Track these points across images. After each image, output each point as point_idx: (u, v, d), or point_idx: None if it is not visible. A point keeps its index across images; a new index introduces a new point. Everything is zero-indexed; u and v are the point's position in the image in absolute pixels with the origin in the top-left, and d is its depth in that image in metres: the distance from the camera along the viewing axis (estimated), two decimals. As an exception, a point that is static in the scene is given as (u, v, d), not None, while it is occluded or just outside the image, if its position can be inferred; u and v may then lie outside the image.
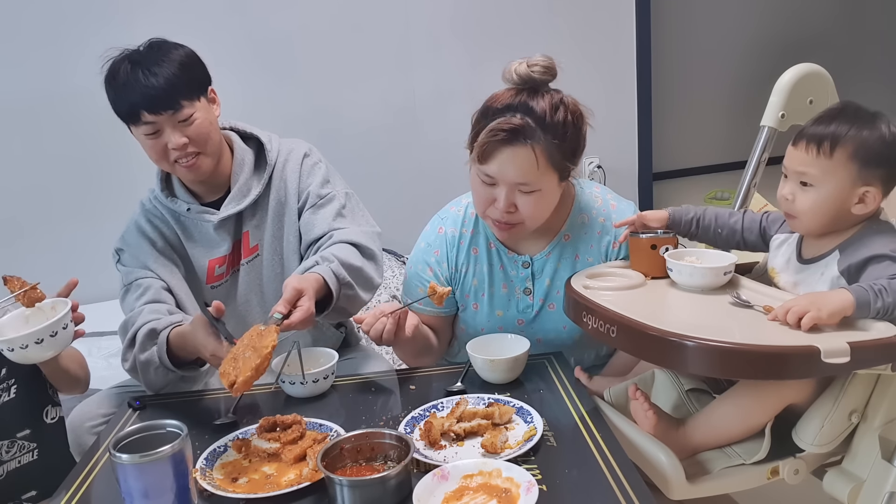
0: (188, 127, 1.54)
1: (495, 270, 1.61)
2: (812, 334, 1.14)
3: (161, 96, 1.50)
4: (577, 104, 1.48)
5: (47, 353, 1.32)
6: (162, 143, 1.55)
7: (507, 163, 1.42)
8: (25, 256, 2.96)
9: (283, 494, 1.11)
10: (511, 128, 1.40)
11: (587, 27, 3.63)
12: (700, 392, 1.46)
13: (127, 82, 1.51)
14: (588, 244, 1.59)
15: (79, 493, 1.18)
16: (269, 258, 1.69)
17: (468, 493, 1.07)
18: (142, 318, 1.53)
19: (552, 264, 1.59)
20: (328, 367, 1.44)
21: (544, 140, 1.41)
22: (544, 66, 1.44)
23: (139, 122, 1.53)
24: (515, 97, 1.44)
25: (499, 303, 1.61)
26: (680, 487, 1.26)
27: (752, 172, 1.85)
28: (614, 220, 1.58)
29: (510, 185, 1.44)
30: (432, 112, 3.44)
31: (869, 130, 1.26)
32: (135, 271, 1.64)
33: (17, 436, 1.41)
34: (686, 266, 1.38)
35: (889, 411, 1.26)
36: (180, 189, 1.67)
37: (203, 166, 1.60)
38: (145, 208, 1.70)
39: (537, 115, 1.41)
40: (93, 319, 2.64)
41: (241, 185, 1.66)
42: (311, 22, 3.24)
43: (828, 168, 1.27)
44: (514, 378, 1.43)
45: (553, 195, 1.50)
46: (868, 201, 1.27)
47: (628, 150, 3.90)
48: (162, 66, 1.51)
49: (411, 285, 1.66)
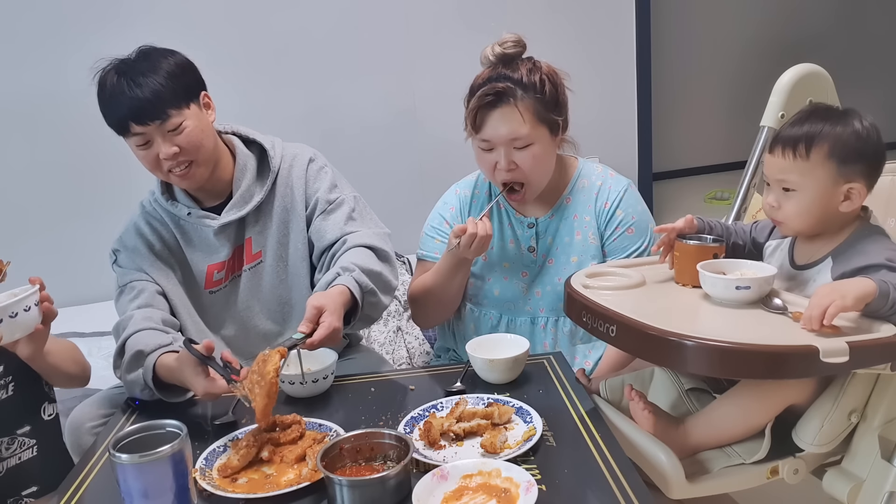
0: (178, 136, 1.53)
1: (504, 227, 1.77)
2: (812, 334, 1.14)
3: (147, 107, 1.49)
4: (551, 65, 1.65)
5: (15, 334, 1.29)
6: (153, 153, 1.54)
7: (497, 123, 1.59)
8: (25, 257, 2.95)
9: (283, 494, 1.11)
10: (495, 91, 1.58)
11: (587, 27, 3.63)
12: (700, 391, 1.46)
13: (113, 94, 1.50)
14: (586, 205, 1.73)
15: (78, 493, 1.18)
16: (273, 264, 1.69)
17: (468, 492, 1.07)
18: (132, 326, 1.52)
19: (554, 224, 1.74)
20: (328, 366, 1.44)
21: (526, 97, 1.58)
22: (514, 41, 1.63)
23: (128, 133, 1.52)
24: (494, 70, 1.62)
25: (506, 256, 1.77)
26: (679, 487, 1.26)
27: (751, 172, 1.84)
28: (610, 184, 1.74)
29: (505, 143, 1.60)
30: (432, 112, 3.44)
31: (842, 126, 1.26)
32: (130, 273, 1.63)
33: (16, 432, 1.41)
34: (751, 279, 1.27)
35: (888, 411, 1.26)
36: (181, 193, 1.66)
37: (197, 175, 1.59)
38: (145, 210, 1.69)
39: (515, 79, 1.59)
40: (93, 319, 2.67)
41: (242, 192, 1.65)
42: (312, 22, 3.24)
43: (806, 170, 1.26)
44: (514, 378, 1.43)
45: (548, 150, 1.64)
46: (854, 198, 1.26)
47: (628, 150, 3.90)
48: (148, 77, 1.49)
49: (428, 238, 1.81)
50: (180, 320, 1.64)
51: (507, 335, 1.53)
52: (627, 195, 1.73)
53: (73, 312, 2.64)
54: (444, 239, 1.77)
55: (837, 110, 1.31)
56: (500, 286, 1.77)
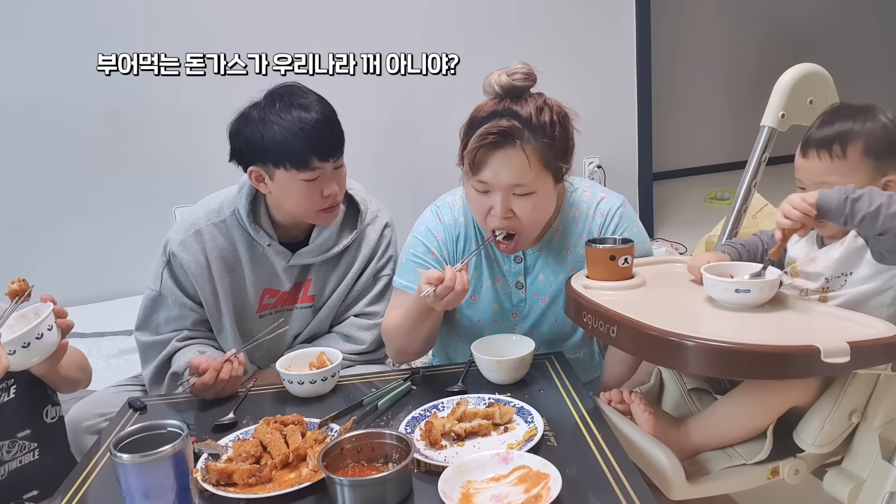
0: (339, 175, 1.59)
1: (490, 264, 1.62)
2: (811, 334, 1.14)
3: (335, 144, 1.55)
4: (562, 105, 1.49)
5: (34, 359, 1.29)
6: (318, 188, 1.55)
7: (499, 166, 1.42)
8: (25, 257, 2.96)
9: (283, 494, 1.11)
10: (500, 130, 1.41)
11: (587, 27, 3.64)
12: (701, 392, 1.46)
13: (303, 128, 1.51)
14: (578, 237, 1.59)
15: (79, 493, 1.18)
16: (320, 307, 1.73)
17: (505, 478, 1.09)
18: (184, 359, 1.58)
19: (544, 259, 1.60)
20: (332, 367, 1.45)
21: (534, 141, 1.42)
22: (524, 73, 1.45)
23: (307, 168, 1.52)
24: (499, 104, 1.45)
25: (494, 296, 1.63)
26: (680, 487, 1.26)
27: (752, 172, 1.85)
28: (602, 209, 1.59)
29: (505, 189, 1.44)
30: (432, 112, 3.44)
31: (871, 123, 1.27)
32: (176, 293, 1.64)
33: (17, 436, 1.41)
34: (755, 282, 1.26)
35: (889, 411, 1.26)
36: (267, 222, 1.65)
37: (337, 213, 1.64)
38: (221, 219, 1.66)
39: (523, 118, 1.42)
40: (93, 320, 2.67)
41: (323, 241, 1.67)
42: (312, 22, 3.24)
43: (846, 169, 1.27)
44: (520, 378, 1.43)
45: (549, 198, 1.50)
46: (892, 188, 1.27)
47: (628, 150, 3.90)
48: (325, 112, 1.55)
49: (409, 267, 1.62)
50: (222, 333, 1.68)
51: (513, 335, 1.52)
52: (623, 218, 1.59)
53: (73, 312, 2.62)
54: (427, 269, 1.58)
55: (861, 107, 1.31)
56: (491, 329, 1.63)
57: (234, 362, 1.45)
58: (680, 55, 5.20)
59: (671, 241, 3.94)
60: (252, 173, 1.57)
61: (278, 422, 1.29)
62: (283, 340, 1.72)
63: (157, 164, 3.18)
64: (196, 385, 1.43)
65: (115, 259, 3.09)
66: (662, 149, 4.82)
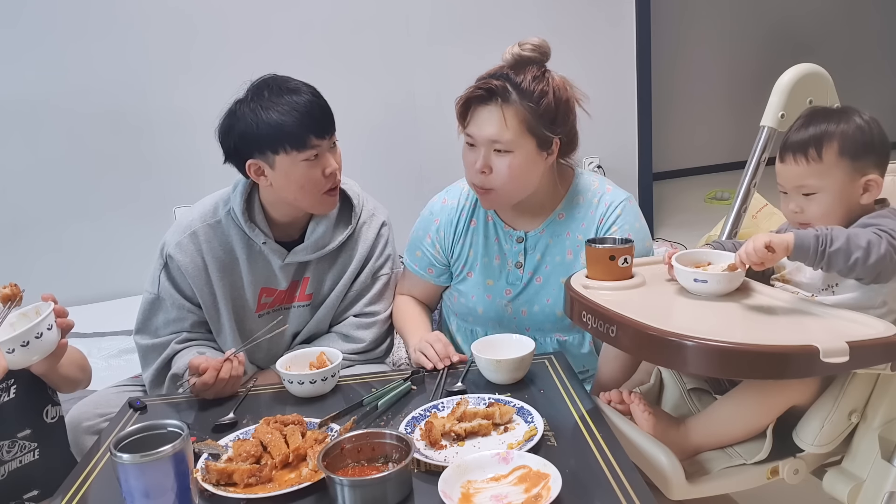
0: (335, 152, 1.59)
1: (490, 242, 1.70)
2: (810, 334, 1.14)
3: (328, 119, 1.55)
4: (565, 81, 1.57)
5: (33, 358, 1.29)
6: (318, 168, 1.56)
7: (481, 121, 1.53)
8: (25, 257, 2.96)
9: (283, 494, 1.11)
10: (487, 87, 1.51)
11: (587, 27, 3.64)
12: (702, 392, 1.46)
13: (297, 106, 1.52)
14: (580, 222, 1.65)
15: (79, 493, 1.18)
16: (318, 306, 1.72)
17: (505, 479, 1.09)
18: (183, 360, 1.58)
19: (545, 240, 1.66)
20: (332, 367, 1.45)
21: (518, 102, 1.50)
22: (534, 45, 1.54)
23: (305, 147, 1.52)
24: (501, 69, 1.55)
25: (490, 273, 1.69)
26: (680, 487, 1.26)
27: (752, 172, 1.85)
28: (606, 200, 1.64)
29: (486, 143, 1.53)
30: (432, 112, 3.44)
31: (846, 124, 1.29)
32: (174, 294, 1.64)
33: (17, 436, 1.41)
34: (714, 274, 1.30)
35: (889, 411, 1.26)
36: (262, 220, 1.65)
37: (337, 198, 1.64)
38: (217, 220, 1.65)
39: (514, 82, 1.51)
40: (93, 320, 2.67)
41: (318, 238, 1.67)
42: (312, 22, 3.24)
43: (823, 171, 1.28)
44: (520, 378, 1.44)
45: (529, 162, 1.55)
46: (872, 188, 1.29)
47: (628, 150, 3.90)
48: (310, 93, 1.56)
49: (412, 247, 1.78)
50: (221, 334, 1.67)
51: (513, 335, 1.53)
52: (625, 212, 1.63)
53: (73, 312, 2.62)
54: (424, 254, 1.75)
55: (836, 109, 1.34)
56: (484, 304, 1.70)
57: (234, 361, 1.45)
58: (680, 55, 5.21)
59: (671, 241, 3.94)
60: (251, 167, 1.56)
61: (278, 422, 1.29)
62: (282, 341, 1.73)
63: (156, 164, 3.18)
64: (196, 385, 1.43)
65: (115, 259, 3.09)
66: (662, 148, 4.82)
